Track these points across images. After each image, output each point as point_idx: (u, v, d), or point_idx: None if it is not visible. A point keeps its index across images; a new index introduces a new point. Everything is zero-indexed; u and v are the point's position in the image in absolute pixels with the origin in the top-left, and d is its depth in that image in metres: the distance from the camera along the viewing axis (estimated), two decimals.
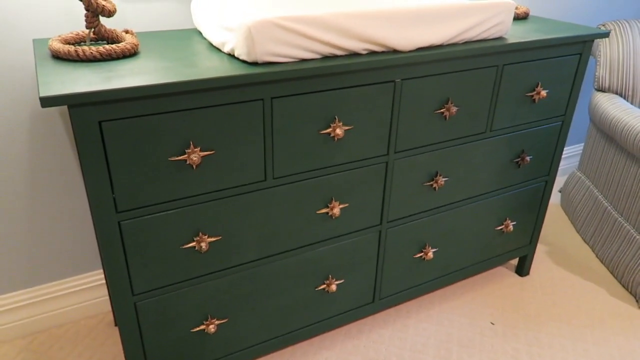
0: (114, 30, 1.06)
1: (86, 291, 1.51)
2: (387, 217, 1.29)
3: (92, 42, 1.10)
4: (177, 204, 1.00)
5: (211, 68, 0.95)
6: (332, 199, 1.18)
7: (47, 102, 0.80)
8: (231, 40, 1.01)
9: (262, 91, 0.98)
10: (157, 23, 1.30)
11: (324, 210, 1.18)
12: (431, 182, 1.32)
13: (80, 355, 1.41)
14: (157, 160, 0.94)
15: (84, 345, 1.44)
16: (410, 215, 1.34)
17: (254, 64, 0.99)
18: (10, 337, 1.45)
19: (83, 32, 1.08)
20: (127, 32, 1.09)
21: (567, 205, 2.09)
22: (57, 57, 1.00)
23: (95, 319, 1.54)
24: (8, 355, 1.40)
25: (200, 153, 0.96)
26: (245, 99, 0.97)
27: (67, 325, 1.51)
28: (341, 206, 1.20)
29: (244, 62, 1.00)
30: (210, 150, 0.98)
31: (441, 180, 1.32)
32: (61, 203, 1.38)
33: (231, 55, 1.04)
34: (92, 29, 1.02)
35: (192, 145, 0.95)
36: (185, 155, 0.95)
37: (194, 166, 0.97)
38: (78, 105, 0.84)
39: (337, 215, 1.19)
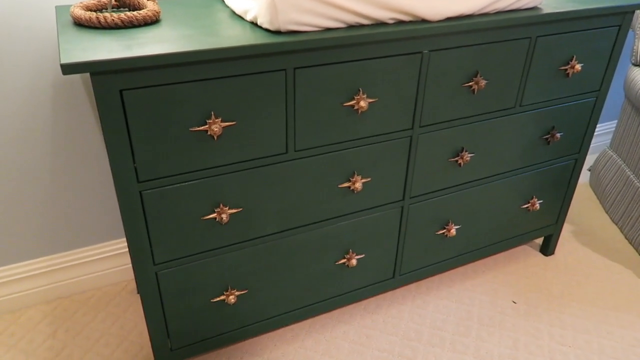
0: None
1: (109, 259, 1.53)
2: (410, 192, 1.27)
3: (114, 9, 1.08)
4: (198, 175, 0.99)
5: (233, 37, 0.93)
6: (354, 173, 1.16)
7: (68, 69, 0.79)
8: (253, 8, 0.98)
9: (285, 61, 0.96)
10: None
11: (345, 185, 1.16)
12: (456, 158, 1.28)
13: (103, 321, 1.44)
14: (178, 130, 0.93)
15: (107, 312, 1.46)
16: (433, 192, 1.31)
17: (277, 32, 0.96)
18: (34, 302, 1.48)
19: None
20: None
21: (596, 185, 2.03)
22: (79, 24, 0.99)
23: (118, 286, 1.56)
24: (33, 320, 1.44)
25: (222, 124, 0.95)
26: (267, 69, 0.95)
27: (90, 292, 1.54)
28: (363, 180, 1.18)
29: (266, 30, 0.97)
30: (232, 121, 0.96)
31: (467, 156, 1.28)
32: (85, 171, 1.39)
33: (253, 24, 1.02)
34: None
35: (213, 116, 0.94)
36: (206, 126, 0.94)
37: (215, 137, 0.96)
38: (99, 73, 0.83)
39: (359, 190, 1.17)
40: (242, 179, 1.04)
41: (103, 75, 0.83)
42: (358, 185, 1.16)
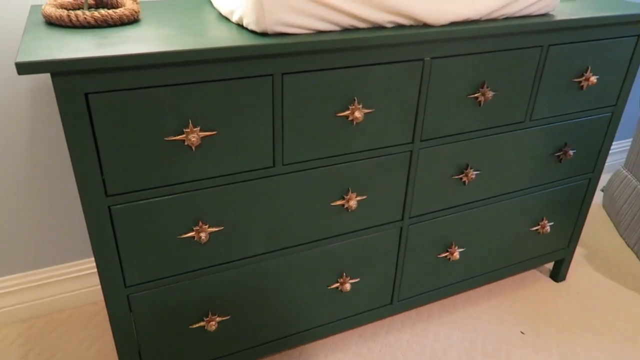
0: None
1: (90, 276, 1.44)
2: (409, 212, 1.17)
3: (92, 9, 1.00)
4: (175, 189, 0.90)
5: (216, 38, 0.85)
6: (348, 190, 1.06)
7: (24, 68, 0.71)
8: (239, 8, 0.90)
9: (272, 66, 0.87)
10: None
11: (339, 202, 1.06)
12: (460, 176, 1.19)
13: (80, 343, 1.34)
14: (151, 139, 0.84)
15: (85, 334, 1.37)
16: (435, 211, 1.21)
17: (264, 34, 0.88)
18: (10, 321, 1.39)
19: None
20: None
21: (609, 206, 1.92)
22: (50, 22, 0.91)
23: (98, 305, 1.47)
24: (6, 340, 1.34)
25: (200, 133, 0.86)
26: (252, 74, 0.86)
27: (69, 311, 1.44)
28: (359, 198, 1.08)
29: (253, 32, 0.89)
30: (212, 131, 0.88)
31: (472, 173, 1.19)
32: (64, 184, 1.30)
33: (240, 26, 0.94)
34: None
35: (191, 124, 0.85)
36: (184, 136, 0.85)
37: (193, 147, 0.87)
38: (61, 74, 0.75)
39: (353, 208, 1.07)
40: (224, 195, 0.94)
41: (66, 77, 0.75)
42: (353, 203, 1.06)
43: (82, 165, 0.81)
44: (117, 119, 0.80)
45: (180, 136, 0.85)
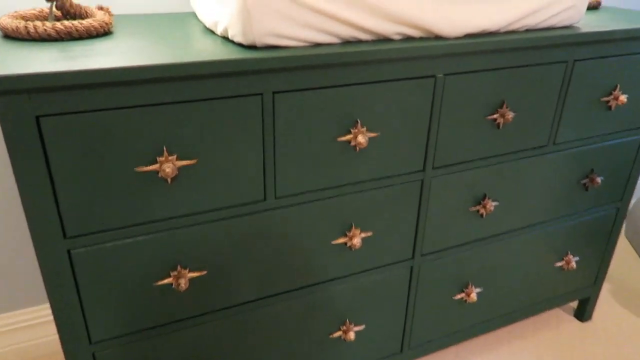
0: (83, 6, 0.84)
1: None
2: (421, 249, 1.03)
3: (59, 21, 0.88)
4: (148, 229, 0.77)
5: (196, 51, 0.73)
6: (351, 225, 0.93)
7: None
8: (224, 17, 0.78)
9: (261, 83, 0.75)
10: (152, 5, 1.09)
11: (341, 240, 0.93)
12: (477, 207, 1.05)
13: None
14: (119, 170, 0.71)
15: None
16: (450, 248, 1.07)
17: (252, 47, 0.75)
18: None
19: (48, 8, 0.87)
20: (101, 8, 0.88)
21: (633, 235, 1.78)
22: (7, 35, 0.79)
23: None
24: None
25: (177, 162, 0.73)
26: (238, 92, 0.74)
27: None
28: (363, 235, 0.94)
29: (239, 45, 0.77)
30: (191, 159, 0.75)
31: (490, 204, 1.05)
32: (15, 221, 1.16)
33: (225, 38, 0.82)
34: (54, 2, 0.80)
35: (165, 152, 0.72)
36: (157, 165, 0.72)
37: (169, 179, 0.74)
38: (6, 93, 0.62)
39: (357, 247, 0.93)
40: (206, 234, 0.81)
41: (11, 96, 0.62)
42: (356, 241, 0.93)
43: (34, 202, 0.68)
44: (76, 146, 0.67)
45: (153, 166, 0.72)
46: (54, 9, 0.82)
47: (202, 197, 0.78)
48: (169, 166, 0.72)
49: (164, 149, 0.72)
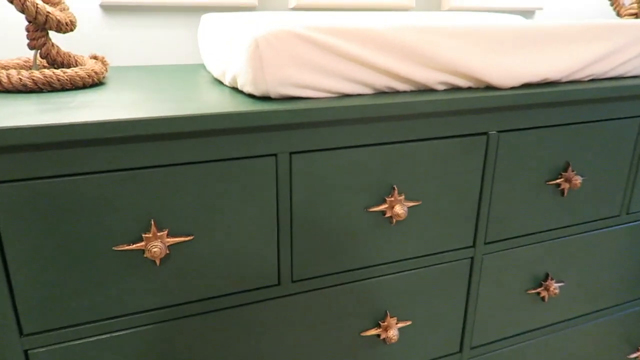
0: (74, 54, 0.73)
1: None
2: (470, 341, 0.85)
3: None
4: (130, 322, 0.61)
5: (197, 104, 0.59)
6: (386, 314, 0.76)
7: None
8: (232, 64, 0.65)
9: (277, 142, 0.60)
10: (160, 56, 0.98)
11: (373, 332, 0.75)
12: (538, 289, 0.87)
13: None
14: (92, 249, 0.56)
15: None
16: (504, 338, 0.88)
17: (265, 98, 0.62)
18: None
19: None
20: (95, 58, 0.76)
21: None
22: None
23: None
24: None
25: (169, 239, 0.58)
26: (247, 153, 0.60)
27: None
28: (400, 325, 0.77)
29: (250, 96, 0.64)
30: (187, 236, 0.60)
31: (553, 286, 0.87)
32: None
33: (234, 89, 0.69)
34: (38, 50, 0.69)
35: (153, 226, 0.57)
36: (142, 243, 0.57)
37: (157, 261, 0.59)
38: None
39: (394, 339, 0.76)
40: (205, 328, 0.65)
41: None
42: (392, 333, 0.75)
43: None
44: (35, 220, 0.53)
45: (138, 244, 0.57)
46: (38, 57, 0.71)
47: (199, 282, 0.62)
48: (157, 244, 0.57)
49: (152, 222, 0.57)
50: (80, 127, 0.51)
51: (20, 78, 0.63)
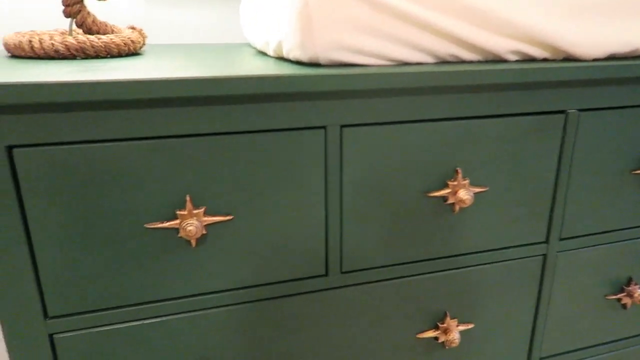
0: (110, 24, 0.69)
1: None
2: (539, 351, 0.75)
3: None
4: (161, 309, 0.55)
5: (237, 68, 0.53)
6: (445, 314, 0.67)
7: None
8: (276, 30, 0.59)
9: (326, 113, 0.54)
10: (201, 34, 0.93)
11: (430, 334, 0.67)
12: (620, 295, 0.76)
13: None
14: (122, 226, 0.51)
15: None
16: (579, 349, 0.78)
17: (314, 64, 0.55)
18: None
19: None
20: (133, 28, 0.72)
21: None
22: (12, 54, 0.64)
23: None
24: None
25: (206, 218, 0.52)
26: (293, 125, 0.53)
27: None
28: (461, 327, 0.68)
29: (297, 63, 0.57)
30: (225, 215, 0.54)
31: (638, 292, 0.76)
32: None
33: (280, 58, 0.62)
34: (74, 18, 0.65)
35: (189, 204, 0.51)
36: (177, 221, 0.52)
37: (192, 241, 0.53)
38: None
39: (455, 343, 0.67)
40: (244, 318, 0.58)
41: None
42: (453, 336, 0.66)
43: (4, 269, 0.49)
44: (63, 192, 0.48)
45: (172, 222, 0.51)
46: (73, 26, 0.67)
47: (237, 268, 0.56)
48: (192, 224, 0.51)
49: (187, 199, 0.51)
50: (107, 85, 0.45)
51: (52, 43, 0.59)
